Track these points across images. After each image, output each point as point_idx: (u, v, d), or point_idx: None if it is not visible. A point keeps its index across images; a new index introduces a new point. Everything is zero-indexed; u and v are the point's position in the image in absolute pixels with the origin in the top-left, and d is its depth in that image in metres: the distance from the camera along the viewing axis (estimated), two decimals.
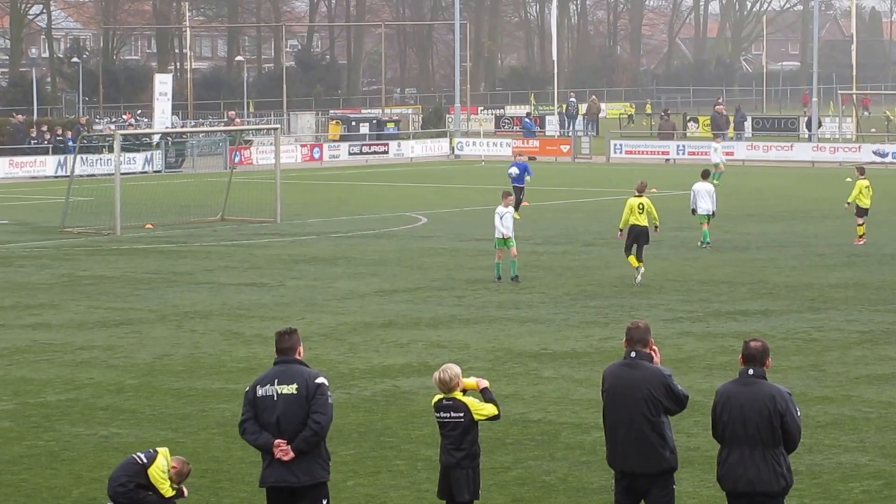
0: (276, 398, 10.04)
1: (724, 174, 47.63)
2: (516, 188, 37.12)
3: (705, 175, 32.37)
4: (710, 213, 31.16)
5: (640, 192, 25.87)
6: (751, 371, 10.06)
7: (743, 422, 9.96)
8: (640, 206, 25.58)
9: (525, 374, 18.03)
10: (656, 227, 26.32)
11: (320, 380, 10.06)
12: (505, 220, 25.56)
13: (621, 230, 25.95)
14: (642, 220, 25.54)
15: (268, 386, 10.09)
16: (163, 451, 11.79)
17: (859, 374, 17.87)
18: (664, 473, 10.28)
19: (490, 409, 11.12)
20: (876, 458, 14.09)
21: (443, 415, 11.13)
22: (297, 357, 10.17)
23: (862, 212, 31.48)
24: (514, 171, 38.55)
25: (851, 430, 15.16)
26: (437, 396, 11.20)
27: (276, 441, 10.02)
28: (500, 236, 25.58)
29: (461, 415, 11.12)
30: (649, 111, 78.92)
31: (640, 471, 10.26)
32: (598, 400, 10.82)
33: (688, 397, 10.36)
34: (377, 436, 15.10)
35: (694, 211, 31.54)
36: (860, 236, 31.37)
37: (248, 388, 10.24)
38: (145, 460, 11.63)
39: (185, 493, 11.94)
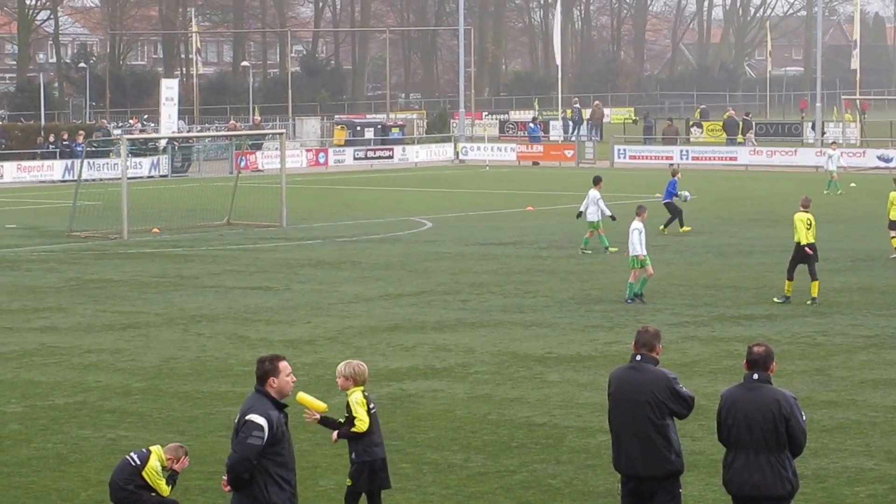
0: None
1: (727, 178, 47.58)
2: (671, 205, 35.00)
3: (596, 181, 32.32)
4: (596, 220, 31.20)
5: (806, 207, 24.22)
6: (755, 376, 10.09)
7: (748, 426, 10.00)
8: (809, 222, 24.02)
9: (530, 378, 18.09)
10: (811, 244, 24.11)
11: (251, 416, 9.53)
12: (642, 236, 23.96)
13: (805, 246, 23.87)
14: (810, 237, 23.92)
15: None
16: (155, 450, 11.83)
17: (864, 379, 17.91)
18: (670, 477, 10.31)
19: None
20: (881, 463, 14.14)
21: (372, 406, 11.49)
22: (266, 388, 9.69)
23: (893, 224, 30.11)
24: (687, 194, 35.20)
25: (857, 434, 15.20)
26: (360, 390, 11.41)
27: None
28: (636, 254, 23.93)
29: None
30: (728, 116, 76.09)
31: (645, 474, 10.29)
32: (603, 403, 10.87)
33: (694, 398, 10.40)
34: (383, 439, 15.12)
35: (580, 214, 31.85)
36: None
37: None
38: (139, 462, 11.70)
39: (183, 466, 11.96)
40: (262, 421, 9.52)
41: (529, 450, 14.68)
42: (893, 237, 30.20)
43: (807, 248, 23.85)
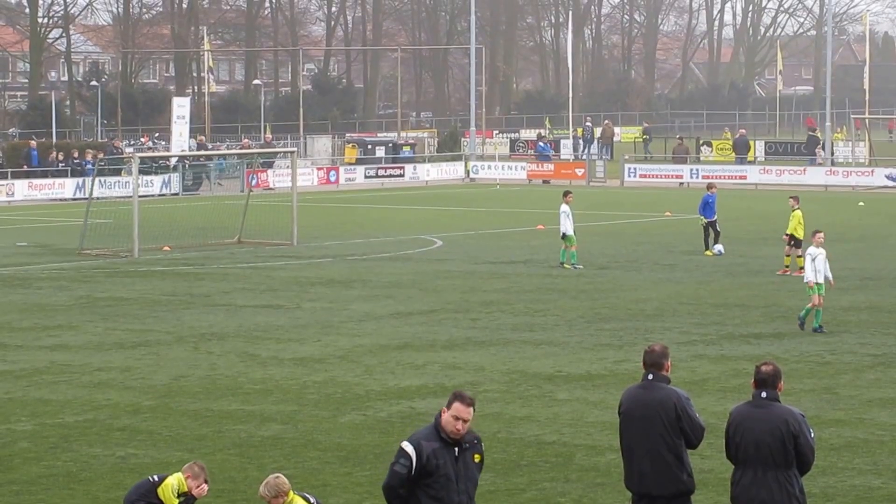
0: None
1: (737, 197, 47.56)
2: (714, 224, 34.17)
3: (565, 195, 32.53)
4: (571, 234, 31.39)
5: None
6: (763, 394, 10.13)
7: (755, 443, 10.03)
8: None
9: (540, 397, 18.12)
10: None
11: (403, 442, 9.47)
12: (817, 262, 22.93)
13: None
14: None
15: None
16: (177, 475, 11.96)
17: (872, 397, 17.93)
18: (681, 496, 10.31)
19: None
20: (889, 481, 14.15)
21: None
22: (439, 417, 9.48)
23: (798, 242, 30.14)
24: (720, 249, 33.81)
25: (865, 452, 15.22)
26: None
27: None
28: (806, 281, 23.09)
29: None
30: (843, 136, 73.99)
31: (656, 492, 10.30)
32: (613, 422, 10.90)
33: (704, 430, 10.36)
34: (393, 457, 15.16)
35: (565, 235, 31.89)
36: (786, 266, 30.08)
37: None
38: (156, 479, 11.83)
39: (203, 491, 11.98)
40: (409, 449, 9.30)
41: (539, 468, 14.70)
42: (799, 256, 29.55)
43: None
